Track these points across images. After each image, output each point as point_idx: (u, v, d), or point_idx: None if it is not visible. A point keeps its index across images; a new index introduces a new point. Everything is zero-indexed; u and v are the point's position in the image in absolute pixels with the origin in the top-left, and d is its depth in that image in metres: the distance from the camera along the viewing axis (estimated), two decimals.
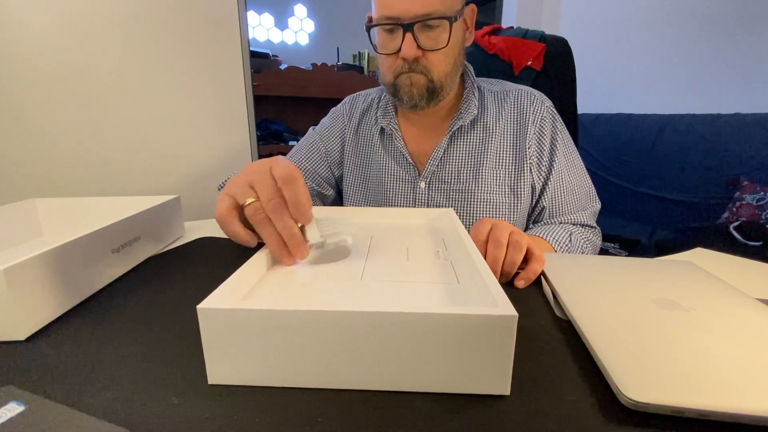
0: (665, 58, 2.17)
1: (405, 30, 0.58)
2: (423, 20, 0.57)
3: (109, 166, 1.11)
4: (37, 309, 0.38)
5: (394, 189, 0.73)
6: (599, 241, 0.74)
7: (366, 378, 0.29)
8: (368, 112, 0.78)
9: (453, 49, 0.62)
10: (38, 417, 0.25)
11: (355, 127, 0.77)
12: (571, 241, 0.65)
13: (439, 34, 0.60)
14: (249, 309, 0.27)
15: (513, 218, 0.70)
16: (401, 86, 0.64)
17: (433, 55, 0.61)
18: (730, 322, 0.35)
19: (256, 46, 2.68)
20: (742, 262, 0.55)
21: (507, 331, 0.27)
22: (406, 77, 0.63)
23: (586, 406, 0.27)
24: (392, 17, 0.58)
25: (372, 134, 0.76)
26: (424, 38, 0.59)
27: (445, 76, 0.63)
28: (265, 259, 0.39)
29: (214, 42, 1.18)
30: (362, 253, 0.44)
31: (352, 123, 0.78)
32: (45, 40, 0.98)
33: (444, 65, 0.63)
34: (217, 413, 0.27)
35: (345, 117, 0.79)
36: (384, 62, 0.65)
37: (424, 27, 0.58)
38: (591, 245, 0.69)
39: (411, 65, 0.61)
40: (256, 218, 0.38)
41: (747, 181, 1.65)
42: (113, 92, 1.08)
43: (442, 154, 0.70)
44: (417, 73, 0.62)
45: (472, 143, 0.69)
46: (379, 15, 0.60)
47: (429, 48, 0.60)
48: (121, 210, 0.54)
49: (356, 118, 0.78)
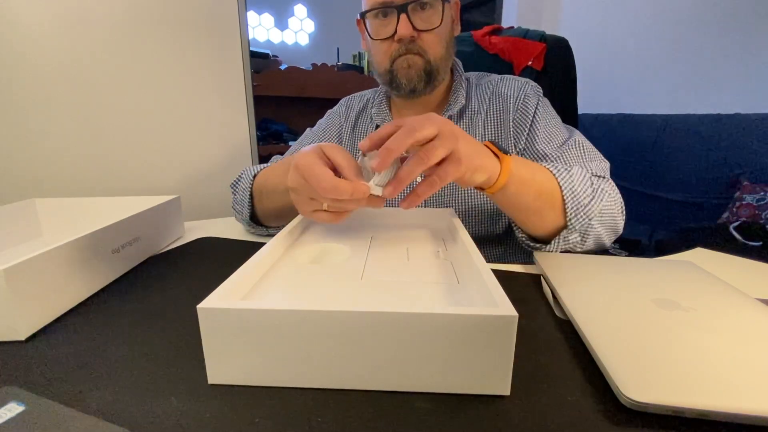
0: (665, 58, 2.17)
1: (399, 12, 0.59)
2: (416, 0, 0.59)
3: (109, 166, 1.11)
4: (37, 309, 0.38)
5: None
6: (618, 196, 0.60)
7: (366, 378, 0.29)
8: (364, 112, 0.78)
9: (445, 32, 0.64)
10: (38, 417, 0.25)
11: (352, 126, 0.78)
12: (571, 173, 0.55)
13: (432, 15, 0.61)
14: (249, 309, 0.27)
15: None
16: (399, 70, 0.64)
17: (428, 36, 0.62)
18: (730, 322, 0.35)
19: (256, 46, 2.68)
20: (742, 262, 0.55)
21: (507, 331, 0.27)
22: (403, 59, 0.63)
23: (586, 406, 0.27)
24: (385, 1, 0.60)
25: (368, 131, 0.76)
26: (418, 19, 0.61)
27: (440, 59, 0.65)
28: (265, 259, 0.39)
29: (214, 42, 1.18)
30: (362, 253, 0.44)
31: (348, 123, 0.78)
32: (45, 39, 0.98)
33: (438, 47, 0.64)
34: (217, 413, 0.27)
35: (341, 117, 0.80)
36: (379, 49, 0.65)
37: (417, 8, 0.60)
38: (601, 191, 0.56)
39: (407, 46, 0.62)
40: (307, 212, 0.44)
41: (747, 181, 1.65)
42: (113, 92, 1.08)
43: None
44: (414, 54, 0.63)
45: (466, 131, 0.69)
46: (373, 1, 0.61)
47: (423, 28, 0.61)
48: (121, 210, 0.54)
49: (353, 116, 0.78)
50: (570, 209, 0.53)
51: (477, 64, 0.96)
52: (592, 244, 0.57)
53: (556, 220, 0.54)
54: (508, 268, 0.53)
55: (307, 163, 0.41)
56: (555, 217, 0.54)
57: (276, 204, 0.61)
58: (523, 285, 0.48)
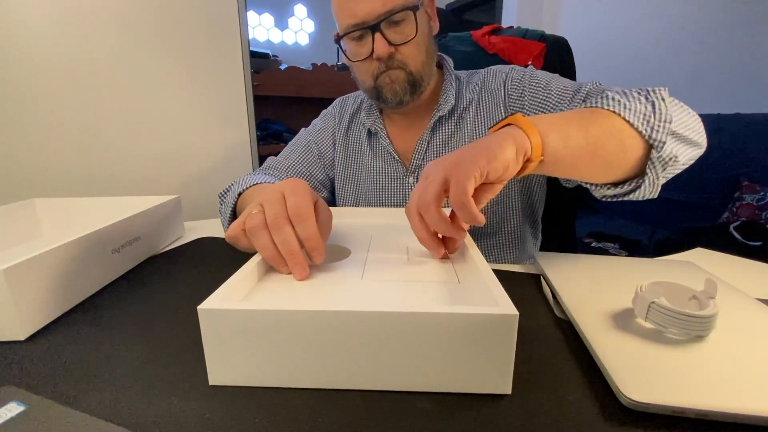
0: (665, 58, 2.17)
1: (373, 31, 0.59)
2: (387, 17, 0.58)
3: (109, 166, 1.11)
4: (37, 309, 0.38)
5: (384, 188, 0.73)
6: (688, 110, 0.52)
7: (367, 378, 0.29)
8: (358, 113, 0.78)
9: (423, 38, 0.63)
10: (38, 417, 0.25)
11: (345, 129, 0.78)
12: (627, 95, 0.48)
13: (406, 27, 0.61)
14: (250, 309, 0.27)
15: (510, 191, 0.68)
16: (383, 86, 0.64)
17: (406, 48, 0.62)
18: (730, 322, 0.35)
19: (256, 46, 2.68)
20: (742, 262, 0.55)
21: (508, 330, 0.27)
22: (385, 76, 0.63)
23: (586, 406, 0.27)
24: (357, 23, 0.59)
25: (361, 135, 0.76)
26: (393, 34, 0.60)
27: (422, 66, 0.64)
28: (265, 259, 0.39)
29: (214, 42, 1.18)
30: (362, 253, 0.44)
31: (342, 124, 0.78)
32: (45, 39, 0.98)
33: (418, 55, 0.63)
34: (216, 413, 0.27)
35: (335, 118, 0.80)
36: (360, 69, 0.65)
37: (389, 24, 0.59)
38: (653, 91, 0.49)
39: (387, 63, 0.62)
40: (254, 228, 0.38)
41: (747, 181, 1.65)
42: (113, 92, 1.08)
43: (426, 148, 0.70)
44: (395, 69, 0.63)
45: (453, 132, 0.69)
46: (345, 25, 0.61)
47: (399, 42, 0.61)
48: (121, 210, 0.54)
49: (346, 119, 0.78)
50: (641, 125, 0.45)
51: (476, 63, 0.96)
52: (689, 150, 0.49)
53: (635, 148, 0.45)
54: (508, 268, 0.53)
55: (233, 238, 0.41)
56: (632, 146, 0.45)
57: None
58: (523, 285, 0.48)
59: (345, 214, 0.60)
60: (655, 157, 0.45)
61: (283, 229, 0.37)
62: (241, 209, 0.60)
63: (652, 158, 0.46)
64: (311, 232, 0.37)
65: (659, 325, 0.33)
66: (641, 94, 0.49)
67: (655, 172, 0.46)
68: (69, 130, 1.04)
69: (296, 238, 0.37)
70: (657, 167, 0.46)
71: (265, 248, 0.37)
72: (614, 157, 0.45)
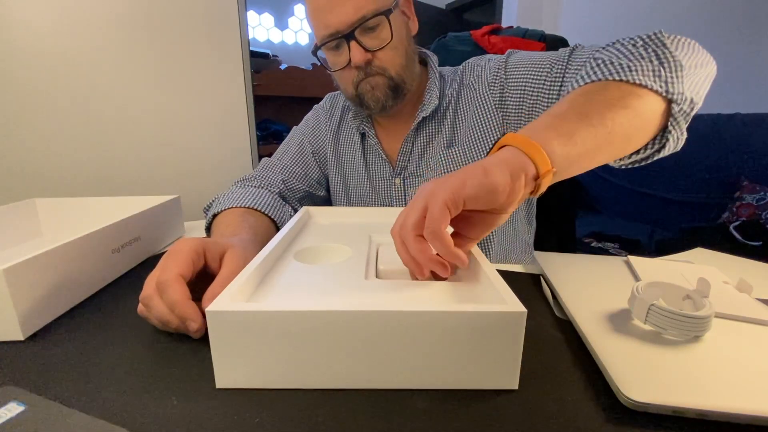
0: None
1: (348, 40, 0.59)
2: (360, 24, 0.58)
3: (109, 166, 1.11)
4: (37, 309, 0.38)
5: (374, 187, 0.73)
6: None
7: (376, 376, 0.29)
8: (349, 110, 0.77)
9: (400, 40, 0.62)
10: (38, 417, 0.25)
11: (336, 125, 0.77)
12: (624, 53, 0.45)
13: (381, 32, 0.60)
14: (259, 311, 0.27)
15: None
16: (364, 93, 0.64)
17: (383, 53, 0.61)
18: (730, 323, 0.35)
19: (256, 46, 2.68)
20: (742, 262, 0.55)
21: (516, 326, 0.27)
22: (365, 83, 0.63)
23: (586, 406, 0.27)
24: (332, 33, 0.59)
25: (352, 132, 0.76)
26: (368, 40, 0.60)
27: (402, 69, 0.64)
28: (267, 260, 0.39)
29: (214, 42, 1.18)
30: (363, 253, 0.44)
31: (333, 121, 0.78)
32: (45, 40, 0.98)
33: (397, 59, 0.63)
34: (217, 413, 0.27)
35: (326, 114, 0.79)
36: (341, 78, 0.65)
37: (364, 30, 0.59)
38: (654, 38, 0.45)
39: (366, 70, 0.62)
40: (142, 310, 0.37)
41: (747, 181, 1.65)
42: (113, 92, 1.08)
43: (411, 148, 0.70)
44: (374, 76, 0.62)
45: (437, 131, 0.68)
46: (321, 36, 0.61)
47: (376, 48, 0.60)
48: (121, 210, 0.54)
49: (337, 114, 0.78)
50: (653, 83, 0.41)
51: None
52: (706, 83, 0.47)
53: (651, 110, 0.42)
54: (508, 268, 0.53)
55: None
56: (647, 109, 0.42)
57: None
58: (523, 285, 0.48)
59: (343, 214, 0.60)
60: (676, 111, 0.42)
61: (152, 302, 0.35)
62: (215, 230, 0.59)
63: (674, 113, 0.42)
64: (173, 300, 0.34)
65: (659, 327, 0.33)
66: (637, 46, 0.45)
67: (679, 128, 0.43)
68: (69, 130, 1.04)
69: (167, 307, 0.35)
70: (680, 121, 0.43)
71: (156, 323, 0.36)
72: (632, 129, 0.41)
